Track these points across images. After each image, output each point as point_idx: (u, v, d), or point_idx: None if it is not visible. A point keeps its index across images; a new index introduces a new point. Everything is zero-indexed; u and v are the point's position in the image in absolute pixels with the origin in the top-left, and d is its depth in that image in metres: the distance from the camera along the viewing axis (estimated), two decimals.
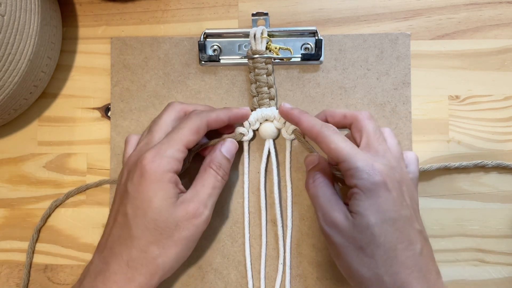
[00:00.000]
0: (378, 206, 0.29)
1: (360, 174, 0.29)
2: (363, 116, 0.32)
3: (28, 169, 0.40)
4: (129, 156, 0.33)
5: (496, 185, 0.38)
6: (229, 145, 0.35)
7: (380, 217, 0.29)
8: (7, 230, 0.40)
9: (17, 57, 0.33)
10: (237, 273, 0.38)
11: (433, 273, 0.29)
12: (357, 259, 0.29)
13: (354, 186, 0.30)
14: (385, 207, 0.29)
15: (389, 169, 0.30)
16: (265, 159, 0.38)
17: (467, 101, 0.38)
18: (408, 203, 0.30)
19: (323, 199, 0.32)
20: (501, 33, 0.38)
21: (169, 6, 0.40)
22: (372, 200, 0.29)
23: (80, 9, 0.41)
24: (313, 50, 0.38)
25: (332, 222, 0.30)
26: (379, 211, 0.29)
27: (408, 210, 0.30)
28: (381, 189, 0.29)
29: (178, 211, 0.31)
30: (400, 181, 0.30)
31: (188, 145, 0.32)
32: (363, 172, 0.29)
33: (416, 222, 0.30)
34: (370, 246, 0.29)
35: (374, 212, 0.29)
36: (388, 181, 0.29)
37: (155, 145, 0.32)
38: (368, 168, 0.29)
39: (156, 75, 0.39)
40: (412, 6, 0.39)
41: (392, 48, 0.38)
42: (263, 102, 0.37)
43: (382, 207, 0.29)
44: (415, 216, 0.30)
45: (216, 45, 0.39)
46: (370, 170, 0.29)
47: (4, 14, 0.31)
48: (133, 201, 0.31)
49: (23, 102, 0.37)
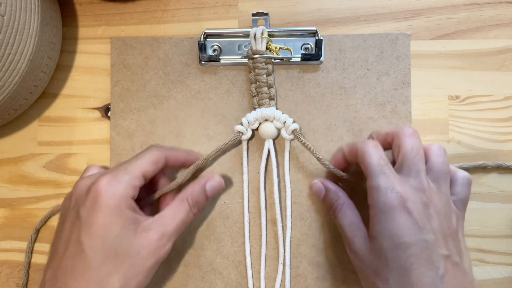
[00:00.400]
0: (392, 230, 0.28)
1: (377, 195, 0.28)
2: (403, 133, 0.31)
3: (28, 169, 0.40)
4: (78, 181, 0.31)
5: (496, 185, 0.38)
6: (215, 184, 0.34)
7: (394, 242, 0.28)
8: (7, 230, 0.40)
9: (17, 57, 0.33)
10: (237, 273, 0.38)
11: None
12: (374, 283, 0.29)
13: (371, 207, 0.29)
14: (399, 231, 0.27)
15: (415, 191, 0.28)
16: (264, 159, 0.38)
17: (467, 101, 0.38)
18: (434, 227, 0.28)
19: (346, 227, 0.31)
20: (501, 33, 0.38)
21: (169, 6, 0.40)
22: (386, 223, 0.28)
23: (80, 9, 0.41)
24: (313, 50, 0.38)
25: (354, 248, 0.30)
26: (393, 235, 0.28)
27: (430, 234, 0.28)
28: (397, 212, 0.28)
29: (140, 239, 0.29)
30: (428, 204, 0.28)
31: (145, 174, 0.31)
32: (381, 193, 0.28)
33: (444, 247, 0.28)
34: (384, 271, 0.28)
35: (387, 236, 0.28)
36: (409, 204, 0.28)
37: (110, 171, 0.30)
38: (387, 189, 0.28)
39: (156, 75, 0.39)
40: (412, 6, 0.39)
41: (392, 48, 0.38)
42: (263, 102, 0.37)
43: (396, 231, 0.28)
44: (443, 240, 0.28)
45: (216, 45, 0.39)
46: (388, 192, 0.28)
47: (4, 14, 0.31)
48: (88, 228, 0.28)
49: (23, 102, 0.37)
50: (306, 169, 0.38)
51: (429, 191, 0.29)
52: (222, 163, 0.38)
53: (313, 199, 0.38)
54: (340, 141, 0.38)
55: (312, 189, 0.35)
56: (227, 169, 0.38)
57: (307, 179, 0.38)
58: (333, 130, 0.38)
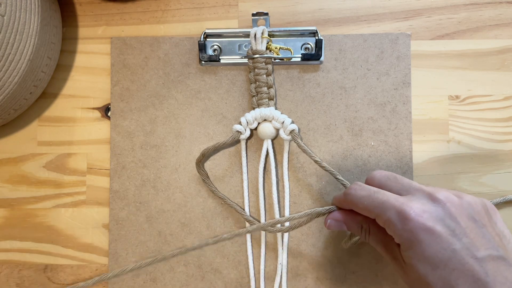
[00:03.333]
0: (423, 253, 0.26)
1: (393, 226, 0.27)
2: (370, 177, 0.30)
3: (28, 169, 0.40)
4: None
5: (496, 185, 0.38)
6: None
7: (430, 264, 0.26)
8: (7, 230, 0.40)
9: (17, 57, 0.33)
10: (237, 273, 0.38)
11: None
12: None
13: (394, 237, 0.27)
14: (431, 251, 0.25)
15: (425, 202, 0.27)
16: (263, 159, 0.38)
17: (467, 101, 0.38)
18: (462, 229, 0.26)
19: (382, 250, 0.30)
20: (501, 33, 0.38)
21: (169, 6, 0.40)
22: (414, 249, 0.26)
23: (80, 9, 0.41)
24: (313, 50, 0.38)
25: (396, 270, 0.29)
26: (426, 257, 0.26)
27: (463, 239, 0.25)
28: (420, 234, 0.26)
29: None
30: (446, 207, 0.26)
31: None
32: (395, 222, 0.26)
33: (481, 246, 0.25)
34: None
35: (421, 261, 0.26)
36: (426, 220, 0.26)
37: None
38: (397, 215, 0.26)
39: (156, 75, 0.39)
40: (412, 6, 0.39)
41: (392, 48, 0.38)
42: (262, 102, 0.37)
43: (428, 252, 0.26)
44: (478, 236, 0.26)
45: (216, 45, 0.39)
46: (401, 218, 0.26)
47: (4, 14, 0.31)
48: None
49: (23, 102, 0.37)
50: (306, 169, 0.38)
51: (437, 191, 0.27)
52: (221, 163, 0.39)
53: (313, 199, 0.38)
54: (340, 141, 0.38)
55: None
56: (226, 169, 0.38)
57: (307, 179, 0.38)
58: (333, 130, 0.38)
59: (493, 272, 0.25)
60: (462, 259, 0.25)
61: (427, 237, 0.26)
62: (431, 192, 0.27)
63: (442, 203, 0.27)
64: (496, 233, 0.27)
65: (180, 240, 0.38)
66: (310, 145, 0.38)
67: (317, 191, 0.38)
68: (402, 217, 0.26)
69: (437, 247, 0.25)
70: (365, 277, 0.37)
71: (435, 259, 0.25)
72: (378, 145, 0.38)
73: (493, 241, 0.26)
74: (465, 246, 0.25)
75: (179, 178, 0.39)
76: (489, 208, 0.28)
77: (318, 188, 0.38)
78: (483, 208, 0.28)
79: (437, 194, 0.27)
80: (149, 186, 0.39)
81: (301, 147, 0.36)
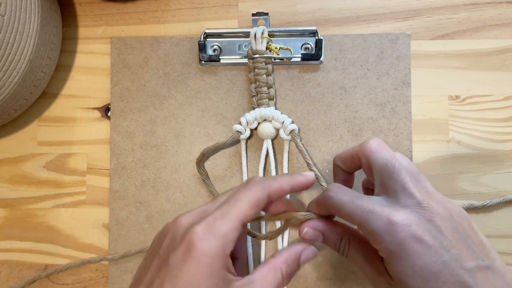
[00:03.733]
0: (413, 266, 0.24)
1: (379, 237, 0.25)
2: (368, 151, 0.27)
3: (28, 169, 0.40)
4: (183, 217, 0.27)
5: (496, 185, 0.38)
6: (311, 256, 0.29)
7: (421, 278, 0.24)
8: (7, 230, 0.40)
9: (17, 57, 0.33)
10: None
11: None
12: None
13: (379, 251, 0.26)
14: (421, 264, 0.24)
15: (412, 210, 0.25)
16: (263, 159, 0.38)
17: (467, 101, 0.38)
18: (450, 238, 0.25)
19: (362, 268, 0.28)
20: (501, 33, 0.38)
21: (169, 6, 0.40)
22: (404, 260, 0.25)
23: (80, 9, 0.41)
24: (313, 50, 0.38)
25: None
26: (416, 271, 0.24)
27: (451, 251, 0.25)
28: (409, 246, 0.24)
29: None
30: (431, 217, 0.25)
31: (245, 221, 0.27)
32: (382, 233, 0.25)
33: (469, 257, 0.25)
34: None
35: (411, 275, 0.24)
36: (415, 229, 0.25)
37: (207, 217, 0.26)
38: (384, 226, 0.25)
39: (156, 75, 0.39)
40: (412, 6, 0.39)
41: (392, 48, 0.38)
42: (262, 102, 0.37)
43: (418, 265, 0.24)
44: (465, 247, 0.25)
45: (216, 45, 0.39)
46: (387, 228, 0.25)
47: (4, 14, 0.31)
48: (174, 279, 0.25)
49: (23, 102, 0.37)
50: (306, 170, 0.38)
51: (425, 201, 0.26)
52: (221, 163, 0.39)
53: (312, 199, 0.38)
54: (340, 141, 0.38)
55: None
56: (226, 169, 0.38)
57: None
58: (333, 130, 0.38)
59: (482, 282, 0.24)
60: (452, 270, 0.24)
61: (417, 249, 0.24)
62: (419, 201, 0.26)
63: (428, 214, 0.25)
64: (479, 243, 0.26)
65: None
66: (310, 145, 0.38)
67: (317, 191, 0.38)
68: (389, 228, 0.25)
69: (427, 260, 0.25)
70: (365, 277, 0.37)
71: (426, 272, 0.24)
72: None
73: (478, 251, 0.25)
74: (453, 257, 0.25)
75: (179, 178, 0.39)
76: (467, 217, 0.27)
77: (318, 189, 0.38)
78: (465, 218, 0.27)
79: (424, 204, 0.26)
80: (149, 186, 0.39)
81: (298, 147, 0.36)
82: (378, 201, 0.26)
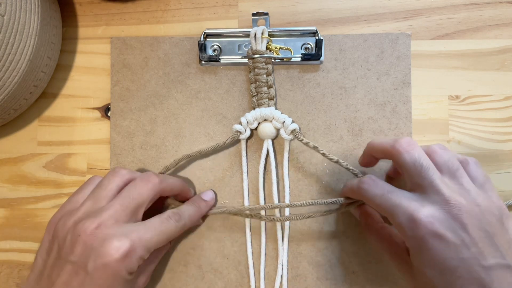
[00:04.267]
0: (431, 259, 0.26)
1: (403, 231, 0.27)
2: (399, 149, 0.29)
3: (28, 169, 0.40)
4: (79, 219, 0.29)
5: (496, 185, 0.38)
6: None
7: (437, 270, 0.26)
8: (7, 230, 0.40)
9: (17, 57, 0.33)
10: (237, 273, 0.38)
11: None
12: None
13: (404, 240, 0.28)
14: (439, 259, 0.26)
15: (439, 207, 0.26)
16: (263, 159, 0.38)
17: (467, 101, 0.38)
18: (472, 236, 0.26)
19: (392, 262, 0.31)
20: (501, 33, 0.38)
21: (169, 6, 0.40)
22: (423, 254, 0.26)
23: (80, 9, 0.41)
24: (313, 50, 0.38)
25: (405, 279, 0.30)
26: (434, 264, 0.26)
27: (471, 249, 0.26)
28: (429, 241, 0.26)
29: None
30: (457, 214, 0.26)
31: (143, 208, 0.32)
32: (405, 228, 0.27)
33: (490, 255, 0.26)
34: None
35: (429, 267, 0.26)
36: (437, 227, 0.26)
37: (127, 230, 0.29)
38: (408, 221, 0.26)
39: (156, 75, 0.39)
40: (412, 6, 0.39)
41: (392, 48, 0.38)
42: (262, 102, 0.37)
43: (436, 260, 0.26)
44: (488, 245, 0.26)
45: (216, 45, 0.39)
46: (411, 223, 0.26)
47: (4, 14, 0.31)
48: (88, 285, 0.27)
49: (23, 102, 0.37)
50: (306, 169, 0.38)
51: (453, 197, 0.27)
52: (221, 163, 0.39)
53: (313, 199, 0.38)
54: (340, 141, 0.38)
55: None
56: (226, 169, 0.38)
57: (307, 179, 0.38)
58: (333, 130, 0.38)
59: (499, 280, 0.25)
60: (469, 267, 0.25)
61: (436, 244, 0.26)
62: (447, 198, 0.27)
63: (455, 211, 0.26)
64: (506, 241, 0.27)
65: (179, 240, 0.38)
66: None
67: (317, 191, 0.38)
68: (412, 223, 0.26)
69: (445, 255, 0.26)
70: (365, 277, 0.37)
71: (443, 266, 0.26)
72: None
73: (501, 250, 0.26)
74: (473, 255, 0.25)
75: None
76: (503, 214, 0.28)
77: (318, 188, 0.38)
78: (498, 215, 0.27)
79: (452, 201, 0.26)
80: None
81: (306, 143, 0.36)
82: (407, 196, 0.28)
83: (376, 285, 0.37)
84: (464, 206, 0.26)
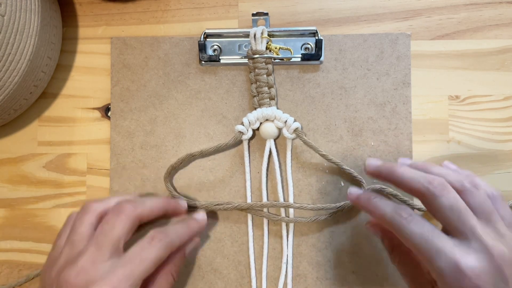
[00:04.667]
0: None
1: (444, 279, 0.25)
2: (432, 194, 0.27)
3: (28, 169, 0.40)
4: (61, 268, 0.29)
5: (496, 186, 0.38)
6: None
7: None
8: (7, 230, 0.40)
9: (17, 57, 0.33)
10: (237, 273, 0.38)
11: None
12: None
13: (438, 283, 0.26)
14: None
15: (482, 259, 0.25)
16: (266, 159, 0.38)
17: (467, 101, 0.38)
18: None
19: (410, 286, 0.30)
20: (501, 33, 0.38)
21: (169, 6, 0.40)
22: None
23: (80, 9, 0.41)
24: (313, 50, 0.38)
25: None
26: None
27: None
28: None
29: None
30: (500, 266, 0.25)
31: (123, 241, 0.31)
32: (446, 274, 0.25)
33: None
34: None
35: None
36: (483, 283, 0.24)
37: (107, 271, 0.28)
38: (451, 269, 0.25)
39: (156, 75, 0.39)
40: (412, 6, 0.39)
41: (392, 48, 0.38)
42: (263, 102, 0.37)
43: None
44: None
45: (216, 45, 0.39)
46: (455, 272, 0.25)
47: (4, 14, 0.31)
48: None
49: (23, 102, 0.37)
50: (306, 169, 0.38)
51: (495, 247, 0.25)
52: (222, 163, 0.39)
53: (313, 199, 0.38)
54: (340, 141, 0.38)
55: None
56: (227, 169, 0.38)
57: (307, 179, 0.38)
58: (333, 130, 0.38)
59: None
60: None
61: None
62: (490, 247, 0.25)
63: (499, 262, 0.25)
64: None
65: None
66: None
67: (317, 191, 0.38)
68: (457, 273, 0.25)
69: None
70: (365, 277, 0.37)
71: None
72: (378, 145, 0.38)
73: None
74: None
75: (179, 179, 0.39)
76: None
77: (318, 188, 0.38)
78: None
79: (494, 251, 0.25)
80: (149, 186, 0.39)
81: (307, 143, 0.36)
82: (450, 240, 0.26)
83: (376, 285, 0.37)
84: (505, 256, 0.25)
